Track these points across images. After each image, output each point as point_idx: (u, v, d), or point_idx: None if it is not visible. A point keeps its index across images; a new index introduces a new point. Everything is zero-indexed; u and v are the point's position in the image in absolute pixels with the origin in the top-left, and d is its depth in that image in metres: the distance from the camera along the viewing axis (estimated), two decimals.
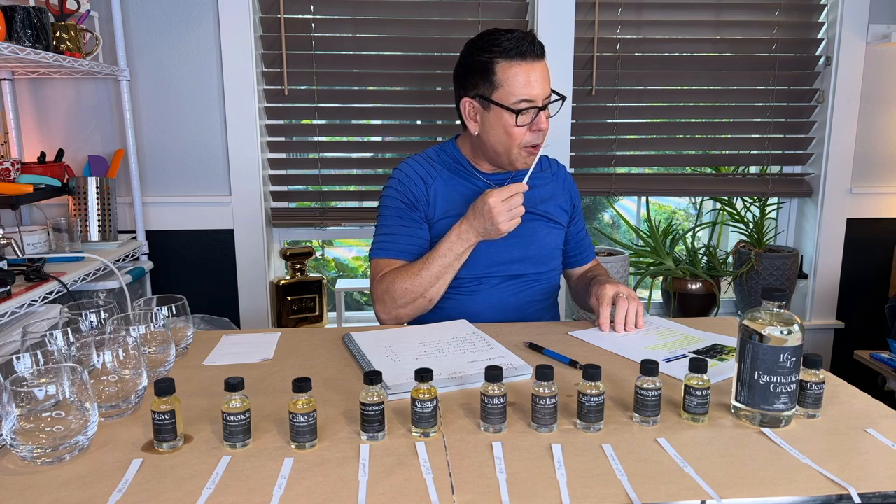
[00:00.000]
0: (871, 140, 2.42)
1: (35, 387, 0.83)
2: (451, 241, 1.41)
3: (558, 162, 1.68)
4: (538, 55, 1.39)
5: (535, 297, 1.56)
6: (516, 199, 1.35)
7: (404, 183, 1.51)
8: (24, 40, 1.66)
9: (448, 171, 1.54)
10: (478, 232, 1.39)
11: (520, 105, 1.38)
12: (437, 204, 1.50)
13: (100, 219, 2.03)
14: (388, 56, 2.29)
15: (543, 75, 1.40)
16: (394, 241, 1.49)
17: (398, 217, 1.50)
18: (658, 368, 0.93)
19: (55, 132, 2.18)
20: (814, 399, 0.95)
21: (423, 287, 1.41)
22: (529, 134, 1.42)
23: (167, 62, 2.17)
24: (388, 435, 0.90)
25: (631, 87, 2.37)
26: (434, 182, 1.51)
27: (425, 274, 1.41)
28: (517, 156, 1.45)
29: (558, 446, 0.86)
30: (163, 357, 1.08)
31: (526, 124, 1.41)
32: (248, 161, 2.23)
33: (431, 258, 1.42)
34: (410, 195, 1.50)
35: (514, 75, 1.38)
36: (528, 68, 1.38)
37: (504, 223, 1.35)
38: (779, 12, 2.36)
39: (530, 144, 1.43)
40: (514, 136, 1.42)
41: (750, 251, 2.42)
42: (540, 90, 1.39)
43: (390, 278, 1.44)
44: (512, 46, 1.38)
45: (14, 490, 0.78)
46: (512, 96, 1.38)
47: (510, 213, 1.35)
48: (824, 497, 0.76)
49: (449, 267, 1.42)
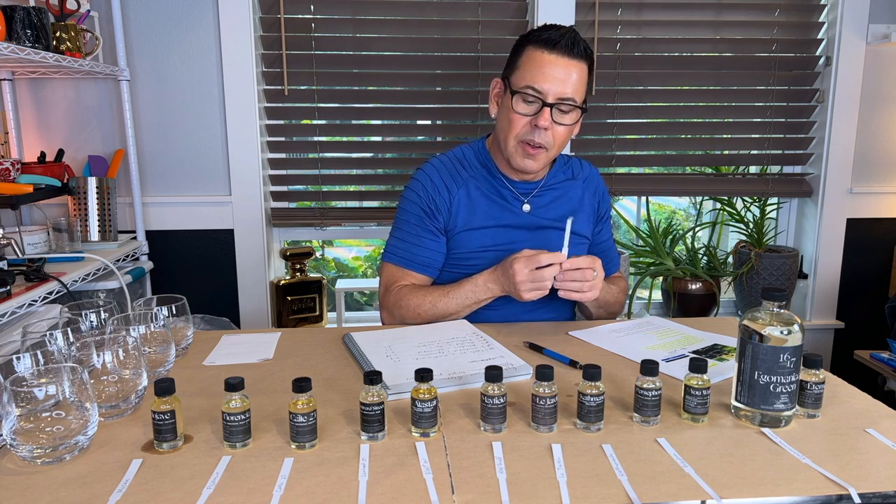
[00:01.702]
0: (871, 140, 2.42)
1: (35, 387, 0.83)
2: (477, 288, 1.37)
3: (591, 165, 1.62)
4: (571, 53, 1.32)
5: (557, 310, 1.50)
6: (548, 271, 1.25)
7: (427, 189, 1.46)
8: (24, 40, 1.66)
9: (474, 176, 1.48)
10: (502, 289, 1.34)
11: (525, 90, 1.34)
12: (460, 215, 1.45)
13: (100, 219, 2.03)
14: (388, 56, 2.29)
15: (566, 74, 1.33)
16: (407, 250, 1.46)
17: (416, 225, 1.46)
18: (658, 368, 0.93)
19: (55, 132, 2.18)
20: (814, 399, 0.95)
21: (435, 316, 1.38)
22: (528, 127, 1.36)
23: (167, 62, 2.17)
24: (388, 435, 0.90)
25: (631, 87, 2.36)
26: (459, 191, 1.46)
27: (442, 307, 1.37)
28: (514, 150, 1.39)
29: (558, 446, 0.86)
30: (163, 357, 1.08)
31: (525, 114, 1.35)
32: (247, 161, 2.23)
33: (451, 294, 1.37)
34: (432, 203, 1.45)
35: (532, 60, 1.34)
36: (552, 60, 1.32)
37: (526, 293, 1.27)
38: (779, 12, 2.36)
39: (526, 139, 1.36)
40: (512, 123, 1.36)
41: (750, 251, 2.42)
42: (554, 86, 1.32)
43: (404, 295, 1.40)
44: (547, 36, 1.33)
45: (14, 490, 0.78)
46: (522, 80, 1.34)
47: (534, 285, 1.27)
48: (824, 497, 0.76)
49: (467, 308, 1.38)
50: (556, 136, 1.37)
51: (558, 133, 1.37)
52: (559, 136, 1.37)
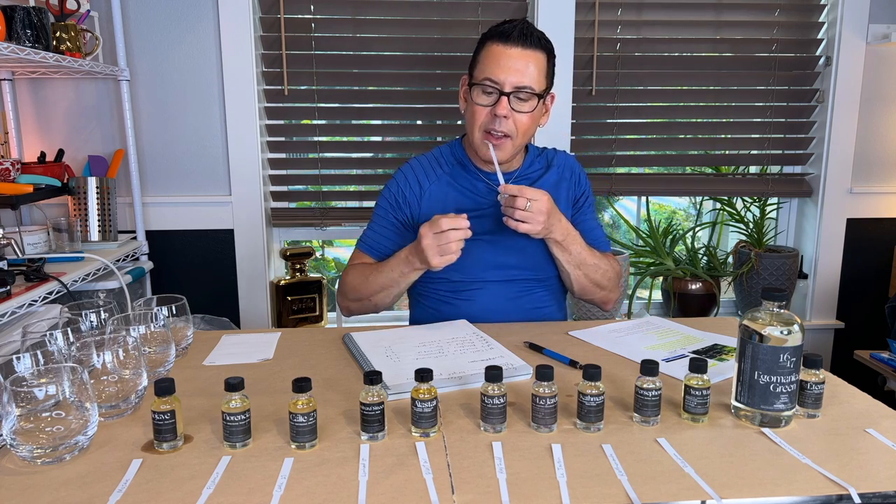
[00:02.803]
0: (871, 140, 2.42)
1: (35, 387, 0.83)
2: (399, 260, 1.38)
3: (566, 153, 1.62)
4: (525, 43, 1.36)
5: (538, 304, 1.51)
6: (451, 234, 1.24)
7: (399, 184, 1.52)
8: (24, 40, 1.66)
9: (449, 173, 1.52)
10: (420, 259, 1.31)
11: (483, 82, 1.37)
12: (431, 208, 1.47)
13: (100, 219, 2.03)
14: (389, 56, 2.29)
15: (522, 64, 1.36)
16: (371, 237, 1.53)
17: (382, 217, 1.53)
18: (658, 368, 0.93)
19: (55, 132, 2.18)
20: (814, 399, 0.95)
21: (369, 292, 1.43)
22: (489, 117, 1.38)
23: (167, 62, 2.17)
24: (388, 435, 0.90)
25: (631, 87, 2.36)
26: (431, 185, 1.51)
27: (372, 280, 1.42)
28: (479, 141, 1.42)
29: (558, 446, 0.86)
30: (163, 357, 1.08)
31: (485, 104, 1.38)
32: (247, 161, 2.23)
33: (380, 269, 1.42)
34: (401, 196, 1.51)
35: (489, 53, 1.38)
36: (507, 52, 1.36)
37: (434, 258, 1.26)
38: (779, 12, 2.36)
39: (488, 129, 1.39)
40: (475, 115, 1.40)
41: (750, 251, 2.42)
42: (510, 76, 1.35)
43: (350, 272, 1.48)
44: (502, 30, 1.38)
45: (14, 490, 0.78)
46: (482, 73, 1.38)
47: (440, 249, 1.25)
48: (824, 497, 0.76)
49: (394, 282, 1.40)
50: (518, 123, 1.39)
51: (519, 121, 1.39)
52: (521, 124, 1.40)
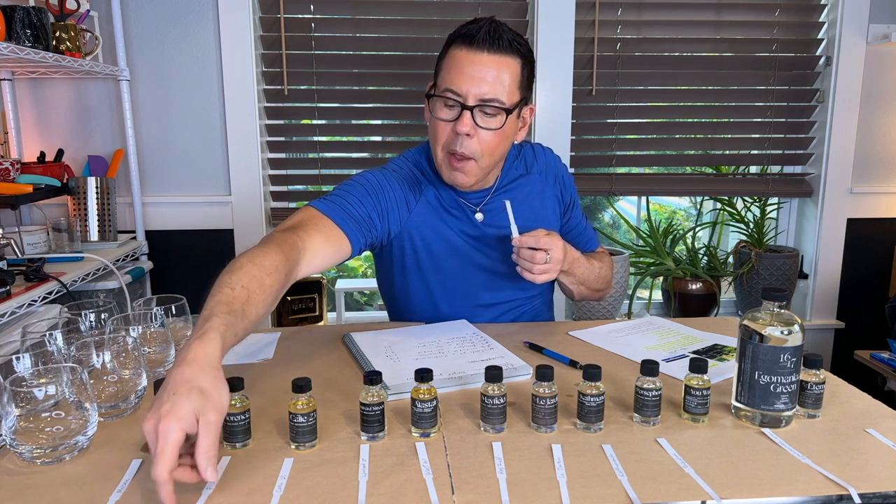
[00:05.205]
0: (871, 140, 2.42)
1: (35, 387, 0.83)
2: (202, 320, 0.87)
3: (542, 147, 1.43)
4: (493, 47, 1.15)
5: (532, 317, 1.48)
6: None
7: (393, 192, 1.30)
8: (24, 40, 1.66)
9: (432, 183, 1.33)
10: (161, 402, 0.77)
11: (445, 94, 1.17)
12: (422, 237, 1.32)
13: (99, 219, 2.03)
14: (389, 56, 2.29)
15: (488, 72, 1.15)
16: (338, 197, 1.23)
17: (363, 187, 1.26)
18: (658, 368, 0.93)
19: (55, 132, 2.18)
20: (814, 399, 0.95)
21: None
22: (452, 135, 1.19)
23: (167, 62, 2.17)
24: (388, 435, 0.90)
25: (631, 87, 2.36)
26: (418, 205, 1.32)
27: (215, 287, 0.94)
28: (442, 161, 1.23)
29: (558, 446, 0.86)
30: (163, 357, 1.08)
31: (447, 119, 1.18)
32: (247, 161, 2.23)
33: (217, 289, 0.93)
34: (393, 204, 1.30)
35: (452, 59, 1.18)
36: (471, 57, 1.15)
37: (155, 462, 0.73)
38: (779, 12, 2.36)
39: (450, 149, 1.20)
40: (436, 131, 1.20)
41: (750, 251, 2.42)
42: (474, 87, 1.15)
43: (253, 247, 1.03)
44: (466, 31, 1.17)
45: (14, 490, 0.77)
46: (443, 82, 1.19)
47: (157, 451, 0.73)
48: (824, 497, 0.76)
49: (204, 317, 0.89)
50: (483, 143, 1.19)
51: (485, 140, 1.18)
52: (486, 144, 1.19)
